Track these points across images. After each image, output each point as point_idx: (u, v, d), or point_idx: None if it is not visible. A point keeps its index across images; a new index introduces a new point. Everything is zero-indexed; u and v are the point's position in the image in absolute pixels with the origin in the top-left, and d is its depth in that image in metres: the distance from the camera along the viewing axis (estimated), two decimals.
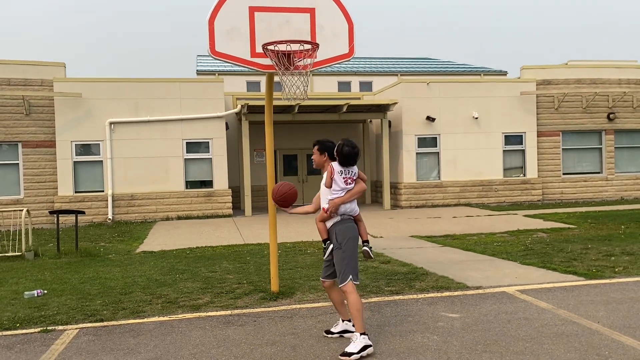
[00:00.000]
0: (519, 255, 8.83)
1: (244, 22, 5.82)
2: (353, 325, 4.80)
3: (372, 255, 4.93)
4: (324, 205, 4.78)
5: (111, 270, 8.53)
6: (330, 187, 4.74)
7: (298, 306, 6.05)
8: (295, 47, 5.65)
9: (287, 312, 5.85)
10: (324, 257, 4.90)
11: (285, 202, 5.08)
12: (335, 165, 4.76)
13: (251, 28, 5.83)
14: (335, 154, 4.79)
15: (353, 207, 4.80)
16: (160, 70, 78.34)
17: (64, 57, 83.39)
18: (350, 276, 4.61)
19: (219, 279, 7.55)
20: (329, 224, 4.80)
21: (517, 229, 12.19)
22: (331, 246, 4.75)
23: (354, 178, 4.79)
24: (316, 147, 4.94)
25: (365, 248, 4.88)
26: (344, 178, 4.73)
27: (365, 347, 4.44)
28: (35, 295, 6.86)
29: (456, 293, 6.44)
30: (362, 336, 4.48)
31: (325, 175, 4.85)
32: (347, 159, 4.73)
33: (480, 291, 6.51)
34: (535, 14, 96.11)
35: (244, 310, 5.94)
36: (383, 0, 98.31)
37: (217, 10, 5.74)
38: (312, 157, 5.05)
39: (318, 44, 5.78)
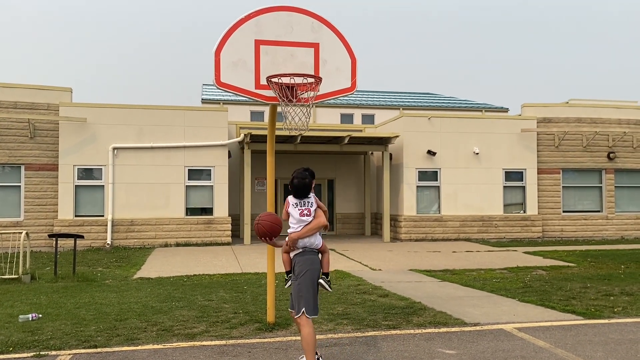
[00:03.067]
0: (518, 292, 8.78)
1: (250, 55, 5.95)
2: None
3: (329, 288, 4.90)
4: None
5: (107, 295, 8.48)
6: (287, 219, 4.81)
7: (293, 338, 6.00)
8: (298, 80, 5.76)
9: (282, 343, 5.81)
10: (285, 287, 4.99)
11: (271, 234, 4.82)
12: (290, 198, 4.82)
13: (256, 60, 5.96)
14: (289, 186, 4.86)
15: (313, 241, 4.78)
16: (166, 97, 79.30)
17: (70, 82, 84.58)
18: (304, 309, 4.60)
19: (215, 307, 7.50)
20: (291, 254, 4.83)
21: (517, 266, 12.14)
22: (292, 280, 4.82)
23: (311, 209, 4.77)
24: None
25: (320, 280, 4.83)
26: (299, 210, 4.75)
27: None
28: (30, 319, 6.81)
29: (454, 329, 6.39)
30: None
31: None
32: (298, 191, 4.79)
33: (478, 328, 6.46)
34: (538, 52, 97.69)
35: (239, 341, 5.89)
36: (388, 35, 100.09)
37: (223, 42, 5.88)
38: None
39: (321, 78, 5.90)
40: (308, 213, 4.75)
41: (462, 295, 8.63)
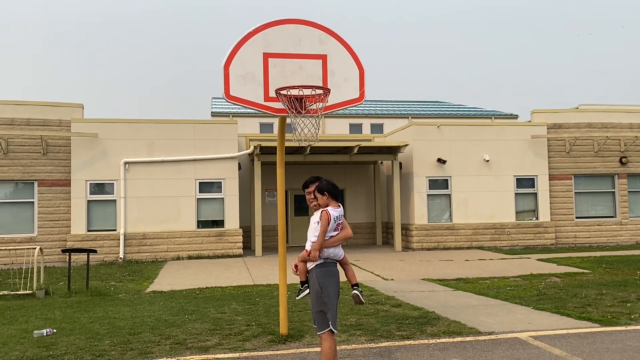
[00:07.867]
0: (532, 300, 8.69)
1: (258, 68, 5.99)
2: None
3: (363, 300, 4.85)
4: (308, 246, 4.69)
5: (121, 309, 8.51)
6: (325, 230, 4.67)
7: (307, 350, 5.98)
8: (307, 92, 5.78)
9: (295, 355, 5.79)
10: (297, 298, 4.92)
11: None
12: (331, 211, 4.67)
13: (265, 73, 6.00)
14: (323, 192, 4.70)
15: (337, 252, 4.71)
16: (176, 111, 79.94)
17: (81, 97, 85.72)
18: (330, 322, 4.50)
19: (228, 320, 7.51)
20: (309, 265, 4.70)
21: (530, 273, 12.02)
22: (307, 291, 4.72)
23: (341, 223, 4.74)
24: (316, 190, 4.79)
25: (355, 292, 4.82)
26: (336, 224, 4.68)
27: None
28: (45, 334, 6.85)
29: (468, 338, 6.34)
30: None
31: (315, 215, 4.76)
32: (335, 189, 4.71)
33: (493, 337, 6.40)
34: (547, 57, 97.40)
35: (252, 353, 5.88)
36: (396, 44, 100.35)
37: (232, 56, 5.93)
38: (313, 201, 4.83)
39: (329, 89, 5.92)
40: (340, 228, 4.73)
41: (475, 304, 8.56)
